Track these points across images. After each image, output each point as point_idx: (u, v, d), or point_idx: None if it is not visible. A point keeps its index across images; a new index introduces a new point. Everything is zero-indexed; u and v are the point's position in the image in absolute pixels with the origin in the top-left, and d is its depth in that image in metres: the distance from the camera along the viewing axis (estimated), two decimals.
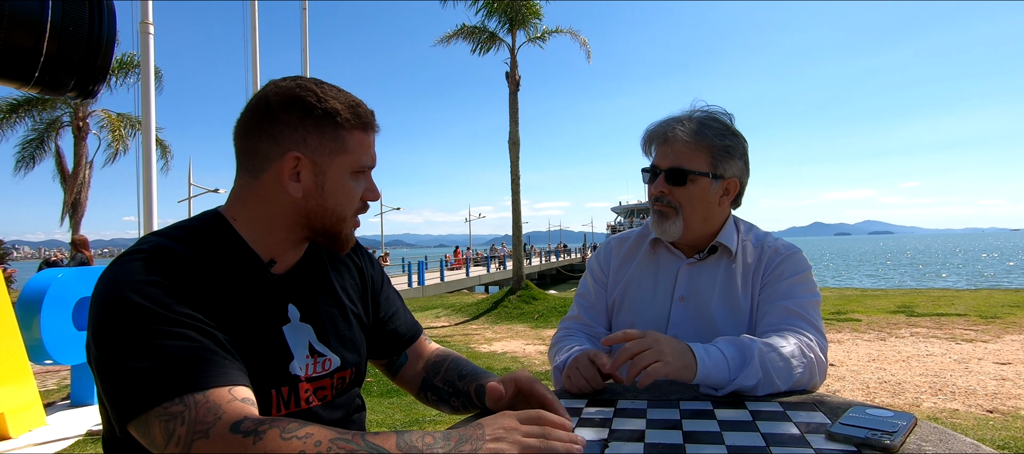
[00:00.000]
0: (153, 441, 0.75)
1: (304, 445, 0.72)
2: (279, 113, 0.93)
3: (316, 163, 0.95)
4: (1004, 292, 13.05)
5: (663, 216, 1.40)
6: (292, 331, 0.99)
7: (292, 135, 0.93)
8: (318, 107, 0.93)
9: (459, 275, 24.94)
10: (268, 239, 0.98)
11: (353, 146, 0.97)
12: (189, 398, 0.75)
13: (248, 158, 0.96)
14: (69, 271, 4.87)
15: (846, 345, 6.91)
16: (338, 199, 0.97)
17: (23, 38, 1.46)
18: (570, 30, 14.46)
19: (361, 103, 0.99)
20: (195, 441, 0.73)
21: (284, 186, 0.94)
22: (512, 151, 13.62)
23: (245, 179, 0.97)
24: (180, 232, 0.92)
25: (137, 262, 0.84)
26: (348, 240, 1.03)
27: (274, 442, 0.72)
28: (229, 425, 0.74)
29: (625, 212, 57.55)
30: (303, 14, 9.79)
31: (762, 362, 1.15)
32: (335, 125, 0.95)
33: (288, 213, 0.96)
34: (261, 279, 0.97)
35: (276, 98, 0.94)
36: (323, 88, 0.96)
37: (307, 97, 0.93)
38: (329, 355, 1.04)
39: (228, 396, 0.77)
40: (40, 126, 17.85)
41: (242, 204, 0.97)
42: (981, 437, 3.67)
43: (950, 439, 0.88)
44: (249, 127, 0.95)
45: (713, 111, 1.43)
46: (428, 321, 11.31)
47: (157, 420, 0.74)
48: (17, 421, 4.02)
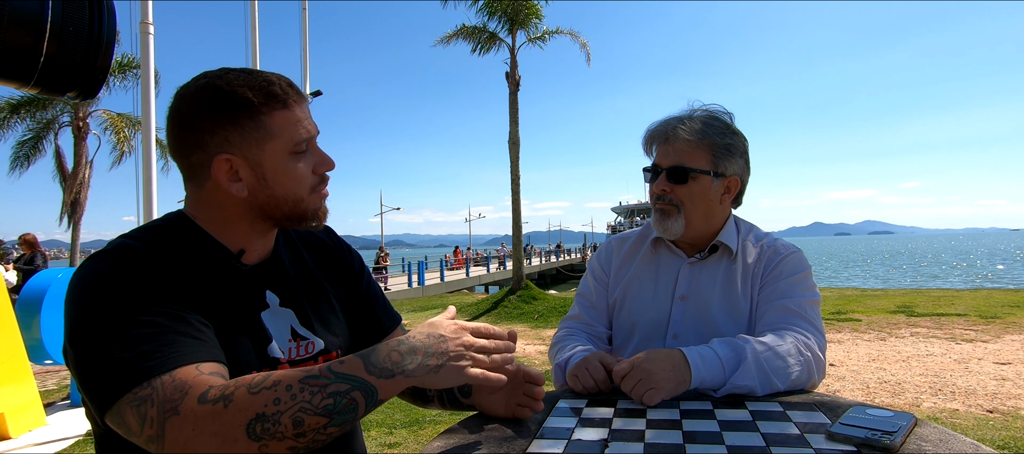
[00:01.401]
0: (129, 429, 0.75)
1: (276, 393, 0.73)
2: (194, 120, 0.90)
3: (248, 158, 0.91)
4: (1004, 292, 13.05)
5: (665, 214, 1.41)
6: (271, 316, 0.99)
7: (214, 138, 0.90)
8: (228, 102, 0.89)
9: (459, 275, 24.95)
10: (232, 233, 0.97)
11: (278, 128, 0.92)
12: (156, 380, 0.75)
13: (186, 170, 0.95)
14: (69, 271, 4.86)
15: (846, 345, 6.90)
16: (285, 184, 0.94)
17: (23, 38, 1.45)
18: (570, 31, 14.47)
19: (273, 79, 0.94)
20: (167, 419, 0.73)
21: (227, 189, 0.92)
22: (512, 151, 13.61)
23: (191, 188, 0.97)
24: (144, 232, 0.92)
25: (102, 261, 0.84)
26: (316, 214, 1.00)
27: (244, 400, 0.72)
28: (196, 398, 0.73)
29: (625, 212, 57.56)
30: (303, 14, 9.79)
31: (756, 361, 1.15)
32: (251, 113, 0.90)
33: (242, 210, 0.95)
34: (232, 269, 0.96)
35: (186, 105, 0.91)
36: (228, 80, 0.91)
37: (214, 96, 0.90)
38: (312, 338, 1.03)
39: (195, 372, 0.77)
40: (37, 126, 17.85)
41: (197, 208, 0.97)
42: (981, 437, 3.67)
43: (950, 439, 0.88)
44: (175, 142, 0.93)
45: (713, 110, 1.43)
46: None
47: (128, 407, 0.74)
48: (17, 421, 4.02)
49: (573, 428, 0.99)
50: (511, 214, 14.04)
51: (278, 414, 0.73)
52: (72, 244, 17.67)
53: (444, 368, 0.81)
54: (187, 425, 0.72)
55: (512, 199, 13.85)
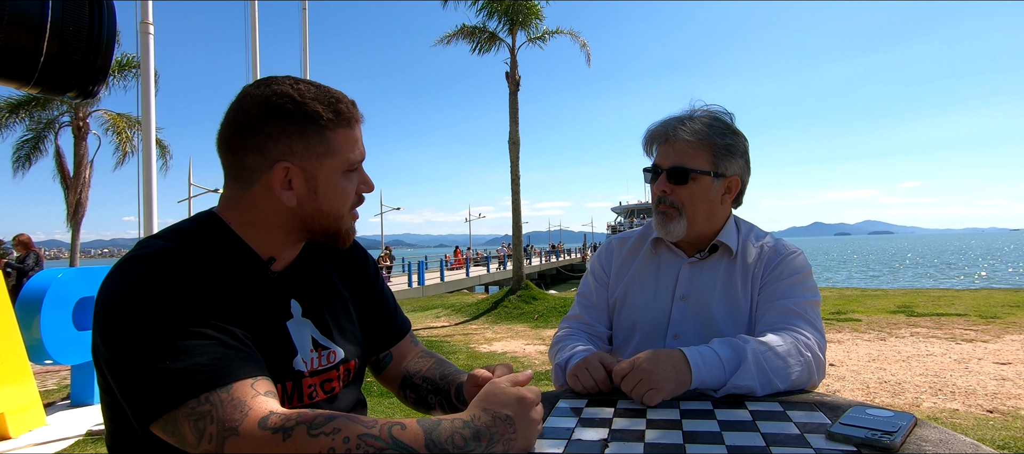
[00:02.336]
0: (184, 440, 0.76)
1: (332, 441, 0.73)
2: (260, 125, 0.90)
3: (305, 169, 0.93)
4: (1004, 292, 13.05)
5: (667, 217, 1.41)
6: (295, 326, 1.00)
7: (277, 145, 0.90)
8: (299, 113, 0.90)
9: (459, 275, 24.94)
10: (266, 240, 0.97)
11: (339, 145, 0.94)
12: (214, 396, 0.75)
13: (235, 171, 0.95)
14: (69, 271, 4.86)
15: (846, 345, 6.90)
16: (333, 200, 0.96)
17: (23, 38, 1.46)
18: (570, 31, 14.46)
19: (341, 97, 0.96)
20: (227, 439, 0.74)
21: (277, 196, 0.93)
22: (512, 151, 13.61)
23: (235, 189, 0.96)
24: (179, 235, 0.91)
25: (144, 265, 0.83)
26: (348, 235, 1.02)
27: (302, 440, 0.73)
28: (257, 421, 0.74)
29: (625, 212, 57.56)
30: (303, 14, 9.79)
31: (756, 360, 1.15)
32: (318, 128, 0.92)
33: (284, 219, 0.96)
34: (262, 276, 0.97)
35: (255, 109, 0.91)
36: (300, 90, 0.92)
37: (286, 104, 0.90)
38: (333, 348, 1.04)
39: (251, 391, 0.78)
40: (37, 126, 17.83)
41: (235, 210, 0.96)
42: (981, 437, 3.67)
43: (950, 439, 0.88)
44: (231, 141, 0.93)
45: (714, 110, 1.43)
46: (428, 321, 11.31)
47: (186, 420, 0.75)
48: (17, 421, 4.02)
49: (573, 428, 0.99)
50: (511, 214, 14.04)
51: None
52: (72, 244, 17.67)
53: (510, 451, 0.81)
54: (246, 447, 0.73)
55: (512, 199, 13.85)
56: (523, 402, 0.84)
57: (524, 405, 0.84)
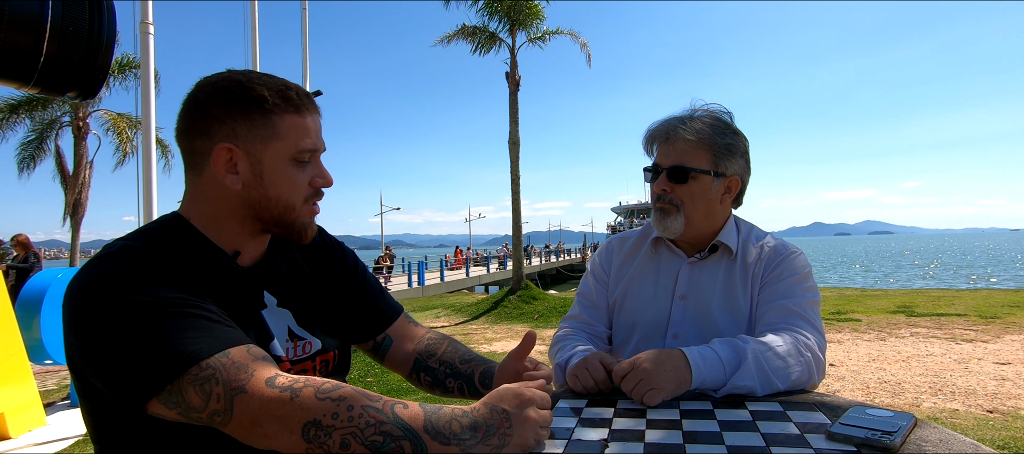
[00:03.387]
0: (189, 406, 0.77)
1: (337, 407, 0.75)
2: (207, 107, 0.93)
3: (250, 153, 0.93)
4: (1004, 292, 13.05)
5: (665, 213, 1.41)
6: (271, 315, 1.00)
7: (222, 127, 0.92)
8: (244, 96, 0.92)
9: (459, 275, 24.94)
10: (224, 233, 0.98)
11: (285, 131, 0.94)
12: (214, 360, 0.77)
13: (188, 157, 0.97)
14: (69, 271, 4.87)
15: (846, 345, 6.90)
16: (280, 188, 0.95)
17: (23, 38, 1.45)
18: (570, 32, 14.47)
19: (292, 86, 0.96)
20: (235, 396, 0.76)
21: (222, 179, 0.93)
22: (512, 151, 13.61)
23: (190, 178, 0.98)
24: (143, 235, 0.92)
25: (111, 262, 0.84)
26: (305, 229, 1.01)
27: (309, 401, 0.75)
28: (264, 380, 0.77)
29: (625, 212, 57.55)
30: (303, 14, 9.79)
31: (756, 361, 1.15)
32: (263, 111, 0.93)
33: (234, 206, 0.96)
34: (228, 270, 0.97)
35: (204, 93, 0.94)
36: (250, 77, 0.94)
37: (232, 88, 0.93)
38: (309, 339, 1.04)
39: (248, 355, 0.80)
40: (39, 127, 17.82)
41: (193, 202, 0.98)
42: (981, 437, 3.67)
43: (950, 439, 0.88)
44: (183, 127, 0.95)
45: (714, 110, 1.43)
46: (428, 321, 11.30)
47: (190, 387, 0.76)
48: (17, 421, 4.02)
49: (573, 428, 0.99)
50: (511, 214, 14.04)
51: (331, 428, 0.75)
52: (72, 244, 17.67)
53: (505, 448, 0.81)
54: (255, 404, 0.75)
55: (512, 199, 13.85)
56: (520, 398, 0.84)
57: (521, 401, 0.84)
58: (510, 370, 1.11)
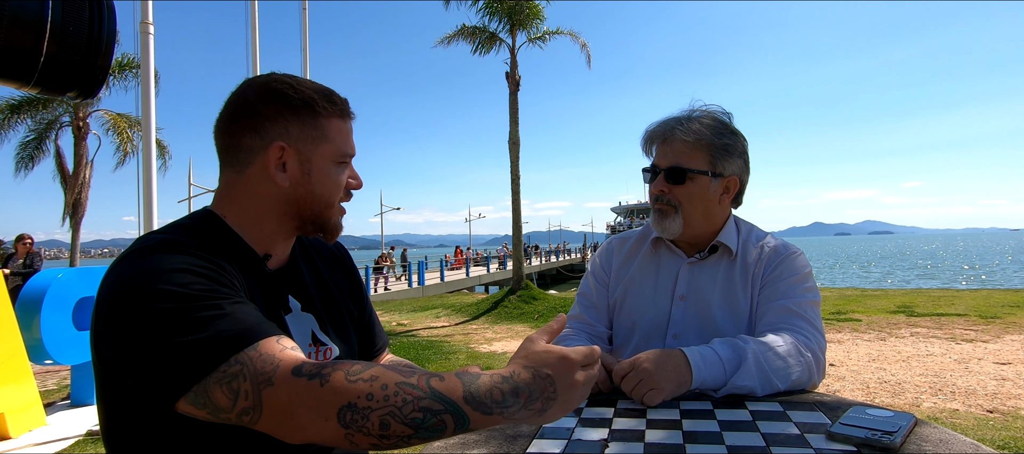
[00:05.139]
0: (217, 408, 0.75)
1: (370, 388, 0.72)
2: (258, 106, 0.95)
3: (300, 152, 0.96)
4: (1004, 292, 13.05)
5: (663, 214, 1.41)
6: (294, 320, 1.01)
7: (274, 126, 0.95)
8: (296, 97, 0.95)
9: (459, 275, 24.94)
10: (259, 233, 0.99)
11: (333, 134, 0.99)
12: (242, 355, 0.75)
13: (231, 154, 0.97)
14: (69, 271, 4.86)
15: (846, 345, 6.90)
16: (325, 186, 0.99)
17: (23, 38, 1.45)
18: (571, 32, 14.47)
19: (335, 92, 1.01)
20: (263, 390, 0.73)
21: (271, 177, 0.95)
22: (512, 151, 13.61)
23: (230, 175, 0.98)
24: (180, 230, 0.92)
25: (150, 255, 0.84)
26: (337, 228, 1.05)
27: (340, 384, 0.72)
28: (290, 369, 0.74)
29: (625, 212, 57.58)
30: (303, 14, 9.79)
31: (757, 361, 1.15)
32: (313, 113, 0.97)
33: (277, 204, 0.98)
34: (260, 272, 0.98)
35: (254, 93, 0.96)
36: (298, 80, 0.98)
37: (284, 89, 0.96)
38: (330, 344, 1.05)
39: (278, 346, 0.77)
40: (39, 127, 17.83)
41: (230, 200, 0.98)
42: (981, 437, 3.67)
43: (950, 439, 0.88)
44: (230, 124, 0.96)
45: (712, 110, 1.43)
46: (428, 321, 11.31)
47: (217, 386, 0.74)
48: (17, 421, 4.02)
49: (573, 428, 0.99)
50: (511, 214, 14.04)
51: (368, 410, 0.72)
52: (72, 244, 17.67)
53: (548, 412, 0.77)
54: (283, 395, 0.73)
55: (512, 199, 13.85)
56: (565, 361, 0.79)
57: (566, 365, 0.79)
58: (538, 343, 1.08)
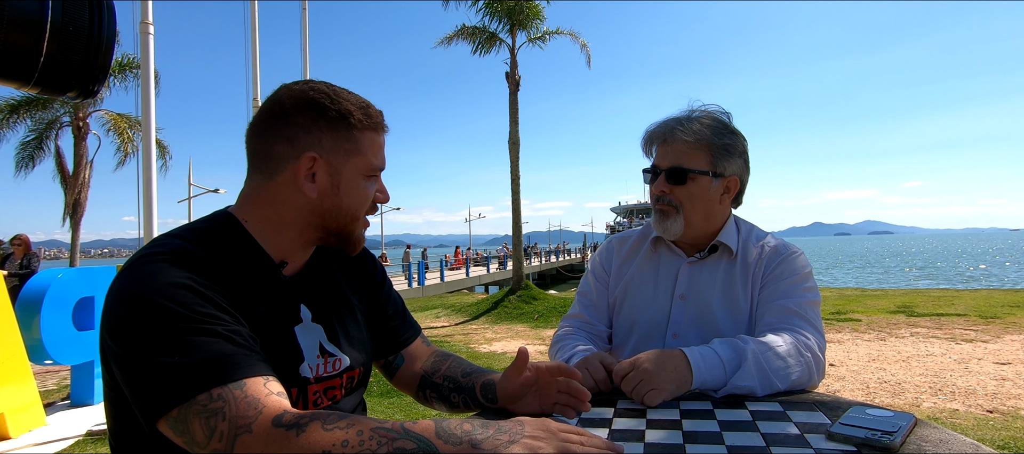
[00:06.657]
0: (193, 438, 0.75)
1: (346, 435, 0.73)
2: (293, 115, 0.94)
3: (331, 164, 0.96)
4: (1004, 292, 13.05)
5: (664, 215, 1.41)
6: (303, 331, 1.00)
7: (307, 136, 0.94)
8: (332, 108, 0.95)
9: (459, 275, 24.94)
10: (279, 240, 0.98)
11: (365, 147, 0.98)
12: (226, 392, 0.75)
13: (262, 160, 0.96)
14: (69, 271, 4.86)
15: (846, 345, 6.90)
16: (352, 199, 0.98)
17: (23, 38, 1.45)
18: (570, 32, 14.46)
19: (372, 105, 1.00)
20: (239, 437, 0.73)
21: (300, 186, 0.95)
22: (512, 151, 13.61)
23: (258, 181, 0.97)
24: (195, 234, 0.92)
25: (160, 263, 0.83)
26: (360, 241, 1.04)
27: (316, 433, 0.73)
28: (271, 419, 0.74)
29: (625, 212, 57.59)
30: (303, 14, 9.79)
31: (756, 361, 1.15)
32: (348, 126, 0.96)
33: (302, 214, 0.97)
34: (274, 279, 0.97)
35: (290, 101, 0.95)
36: (336, 91, 0.97)
37: (321, 99, 0.95)
38: (339, 355, 1.04)
39: (264, 389, 0.77)
40: (39, 127, 17.83)
41: (254, 205, 0.98)
42: (981, 437, 3.67)
43: (950, 439, 0.88)
44: (263, 129, 0.96)
45: (712, 110, 1.43)
46: (428, 321, 11.30)
47: (197, 418, 0.74)
48: (17, 421, 4.02)
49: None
50: (511, 214, 14.04)
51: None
52: (72, 244, 17.67)
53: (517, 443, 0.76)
54: (258, 445, 0.73)
55: (512, 199, 13.85)
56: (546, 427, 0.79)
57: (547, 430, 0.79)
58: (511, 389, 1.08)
